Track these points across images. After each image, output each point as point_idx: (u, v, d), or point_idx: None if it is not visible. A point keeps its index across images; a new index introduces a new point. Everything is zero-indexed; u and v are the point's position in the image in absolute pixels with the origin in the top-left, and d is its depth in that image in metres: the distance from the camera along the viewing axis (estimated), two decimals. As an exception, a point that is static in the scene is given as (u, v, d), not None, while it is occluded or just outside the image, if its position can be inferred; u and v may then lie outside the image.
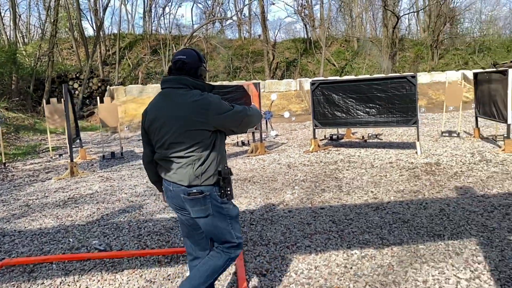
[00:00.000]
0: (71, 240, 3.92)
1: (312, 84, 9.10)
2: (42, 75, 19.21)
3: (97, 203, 5.34)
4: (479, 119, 9.46)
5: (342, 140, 10.79)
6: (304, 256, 3.34)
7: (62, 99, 7.95)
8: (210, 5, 28.75)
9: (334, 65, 29.52)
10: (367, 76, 21.21)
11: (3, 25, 22.70)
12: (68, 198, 5.66)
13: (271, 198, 5.23)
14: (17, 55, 17.87)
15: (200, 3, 34.42)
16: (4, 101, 15.85)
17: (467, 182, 5.56)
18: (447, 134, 10.05)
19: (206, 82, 2.79)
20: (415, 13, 34.22)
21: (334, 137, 10.99)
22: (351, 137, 11.04)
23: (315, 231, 3.91)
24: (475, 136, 9.36)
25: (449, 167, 6.59)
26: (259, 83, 8.99)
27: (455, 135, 9.87)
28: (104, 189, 6.20)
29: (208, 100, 2.07)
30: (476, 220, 3.99)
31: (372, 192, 5.34)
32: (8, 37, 21.70)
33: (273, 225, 4.12)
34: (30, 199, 5.68)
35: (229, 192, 2.19)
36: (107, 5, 21.11)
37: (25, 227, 4.39)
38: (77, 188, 6.32)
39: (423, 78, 20.95)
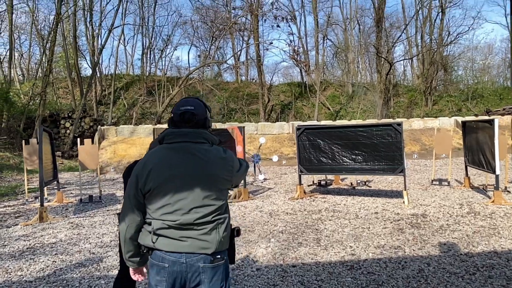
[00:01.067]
0: (10, 300, 3.56)
1: (298, 129, 8.95)
2: (34, 113, 19.19)
3: (55, 254, 4.98)
4: (469, 167, 9.25)
5: (331, 187, 10.51)
6: (260, 327, 2.99)
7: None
8: (207, 48, 29.37)
9: (329, 109, 29.73)
10: (353, 122, 21.24)
11: (1, 64, 23.04)
12: (27, 248, 5.30)
13: (242, 253, 4.88)
14: (10, 93, 17.91)
15: (197, 46, 35.17)
16: (-9, 139, 15.70)
17: (452, 237, 5.24)
18: (437, 183, 9.80)
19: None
20: (409, 60, 34.96)
21: (323, 183, 10.72)
22: (339, 183, 10.77)
23: (280, 295, 3.56)
24: (465, 185, 9.10)
25: (436, 219, 6.28)
26: (243, 127, 8.84)
27: (446, 183, 9.61)
28: (69, 237, 5.84)
29: (232, 157, 1.93)
30: (456, 284, 3.65)
31: (350, 247, 5.01)
32: (6, 75, 21.94)
33: (236, 287, 3.76)
34: (-14, 248, 5.32)
35: (235, 255, 2.05)
36: (103, 47, 21.51)
37: (-33, 283, 4.03)
38: (42, 236, 5.96)
39: (416, 124, 20.96)
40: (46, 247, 5.30)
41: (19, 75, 30.45)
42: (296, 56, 24.35)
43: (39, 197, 7.07)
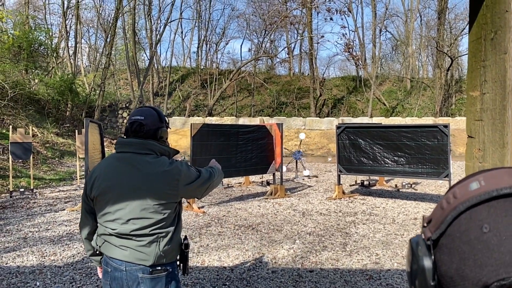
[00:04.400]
0: (37, 283, 3.84)
1: (338, 127, 8.73)
2: (95, 103, 20.41)
3: (89, 241, 5.30)
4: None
5: (374, 188, 10.16)
6: (259, 333, 2.97)
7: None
8: (260, 42, 29.43)
9: (385, 105, 28.62)
10: (399, 122, 20.33)
11: (69, 56, 24.70)
12: (66, 233, 5.68)
13: (263, 253, 4.88)
14: (74, 84, 19.18)
15: (250, 39, 35.38)
16: (55, 127, 16.91)
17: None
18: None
19: (170, 144, 2.63)
20: (475, 54, 32.58)
21: (366, 183, 10.39)
22: (384, 184, 10.39)
23: (289, 301, 3.52)
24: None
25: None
26: (281, 123, 8.77)
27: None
28: (106, 225, 6.18)
29: (178, 169, 1.85)
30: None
31: (376, 255, 4.82)
32: (72, 67, 23.56)
33: (247, 288, 3.77)
34: (31, 231, 5.76)
35: (188, 267, 2.02)
36: (158, 40, 22.30)
37: (6, 264, 4.40)
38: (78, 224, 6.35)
39: (477, 123, 19.64)
40: (83, 234, 5.65)
41: (86, 66, 32.53)
42: (349, 50, 23.65)
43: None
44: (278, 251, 4.93)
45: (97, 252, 1.99)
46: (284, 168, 10.23)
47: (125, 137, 1.93)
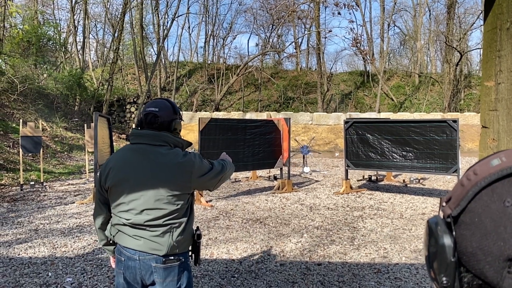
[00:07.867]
0: (49, 274, 3.89)
1: (346, 122, 8.70)
2: (103, 98, 20.52)
3: (99, 234, 5.36)
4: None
5: (381, 183, 10.14)
6: (268, 324, 3.00)
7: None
8: (267, 37, 29.34)
9: (393, 100, 28.45)
10: (407, 116, 20.19)
11: (78, 50, 24.82)
12: (76, 226, 5.75)
13: (271, 246, 4.90)
14: (82, 79, 19.30)
15: (258, 34, 35.28)
16: (64, 121, 17.05)
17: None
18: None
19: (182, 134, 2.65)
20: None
21: (373, 178, 10.37)
22: (391, 179, 10.36)
23: (297, 293, 3.54)
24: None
25: (487, 226, 5.82)
26: (289, 118, 8.77)
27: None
28: (116, 218, 6.24)
29: (192, 161, 1.87)
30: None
31: (384, 249, 4.82)
32: (80, 62, 23.67)
33: (255, 280, 3.80)
34: (42, 224, 5.85)
35: (200, 258, 2.04)
36: (166, 35, 22.32)
37: (18, 255, 4.47)
38: (92, 215, 6.42)
39: (487, 118, 19.45)
40: (93, 226, 5.71)
41: (94, 61, 32.70)
42: (357, 44, 23.51)
43: (94, 179, 7.61)
44: (286, 245, 4.96)
45: (111, 242, 2.02)
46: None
47: (139, 128, 1.95)
